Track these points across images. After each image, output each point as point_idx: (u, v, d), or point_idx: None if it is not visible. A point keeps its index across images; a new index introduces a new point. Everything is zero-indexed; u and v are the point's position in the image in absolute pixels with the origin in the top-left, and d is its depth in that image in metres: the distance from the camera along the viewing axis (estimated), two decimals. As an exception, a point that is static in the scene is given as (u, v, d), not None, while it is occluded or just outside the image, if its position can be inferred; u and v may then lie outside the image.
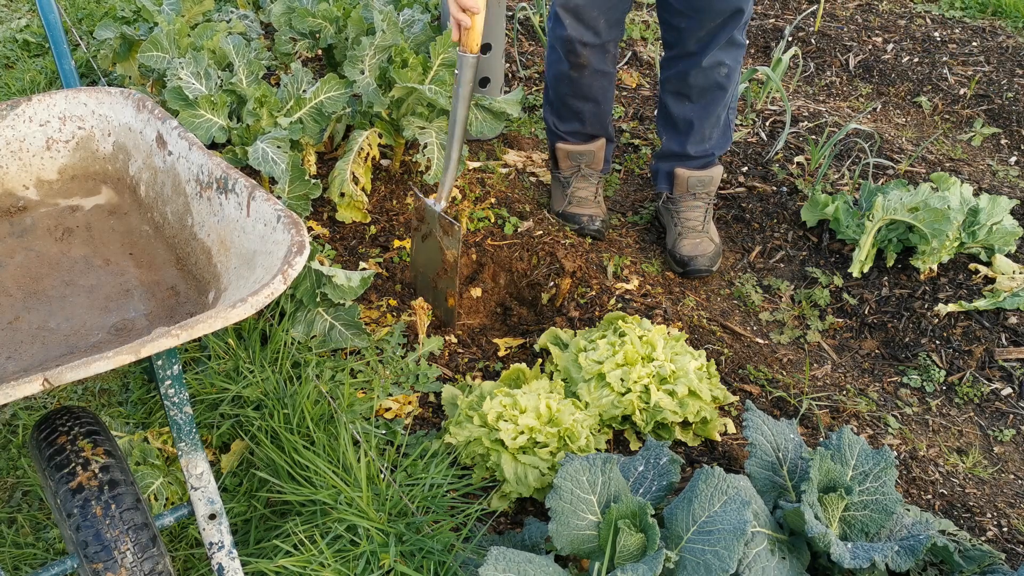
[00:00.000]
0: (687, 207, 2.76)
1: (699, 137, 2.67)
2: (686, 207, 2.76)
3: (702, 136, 2.67)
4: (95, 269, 1.66)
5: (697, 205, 2.76)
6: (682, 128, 2.68)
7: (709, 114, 2.63)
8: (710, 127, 2.66)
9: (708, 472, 1.60)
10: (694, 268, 2.68)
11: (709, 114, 2.63)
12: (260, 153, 2.43)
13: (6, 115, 1.79)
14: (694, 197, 2.75)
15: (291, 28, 3.06)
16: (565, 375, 2.19)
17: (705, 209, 2.76)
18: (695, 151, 2.70)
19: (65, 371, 1.16)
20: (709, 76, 2.55)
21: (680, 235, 2.73)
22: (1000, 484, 2.11)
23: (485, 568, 1.48)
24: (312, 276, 2.22)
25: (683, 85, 2.60)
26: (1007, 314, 2.45)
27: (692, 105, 2.63)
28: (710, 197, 2.77)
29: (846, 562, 1.56)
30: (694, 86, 2.58)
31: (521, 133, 3.33)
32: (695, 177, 2.73)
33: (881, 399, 2.32)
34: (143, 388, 2.26)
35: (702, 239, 2.72)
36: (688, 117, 2.65)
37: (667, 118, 2.71)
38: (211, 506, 1.62)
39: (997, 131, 3.41)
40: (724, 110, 2.65)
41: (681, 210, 2.76)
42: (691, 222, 2.74)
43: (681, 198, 2.76)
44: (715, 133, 2.68)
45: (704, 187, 2.74)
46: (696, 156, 2.71)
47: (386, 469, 1.92)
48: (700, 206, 2.75)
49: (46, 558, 1.90)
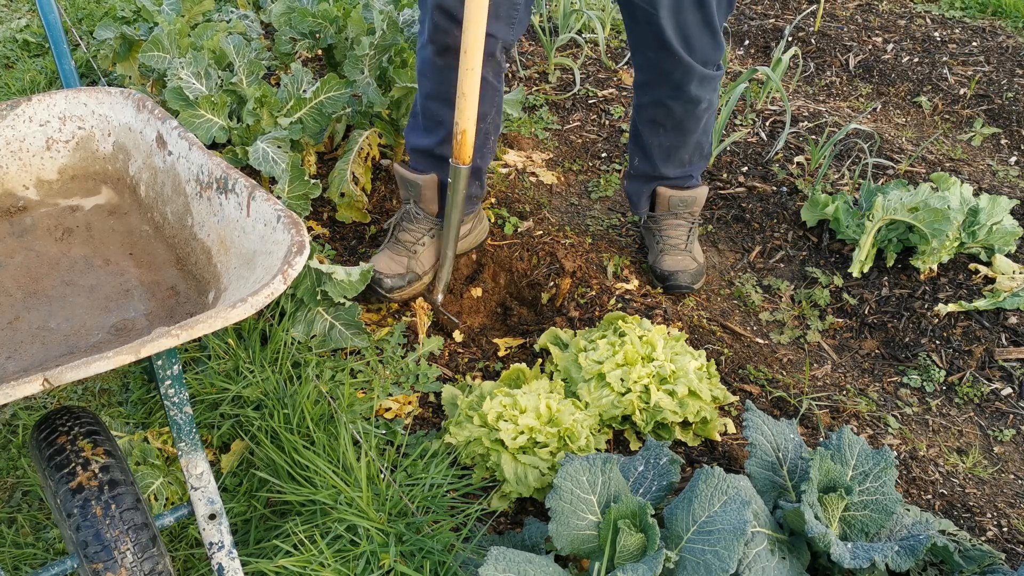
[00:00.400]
0: (669, 225, 2.65)
1: (677, 162, 2.58)
2: (668, 225, 2.65)
3: (680, 160, 2.57)
4: (95, 269, 1.66)
5: (679, 224, 2.65)
6: (657, 155, 2.57)
7: (686, 142, 2.53)
8: (688, 152, 2.56)
9: (708, 472, 1.60)
10: (674, 283, 2.59)
11: (686, 142, 2.53)
12: (260, 153, 2.43)
13: (6, 115, 1.79)
14: (676, 216, 2.65)
15: (291, 28, 3.06)
16: (565, 375, 2.19)
17: (688, 229, 2.66)
18: (673, 173, 2.60)
19: (65, 371, 1.16)
20: (689, 110, 2.44)
21: (662, 251, 2.63)
22: (1000, 484, 2.11)
23: (485, 568, 1.48)
24: (312, 275, 2.22)
25: (660, 115, 2.47)
26: (1007, 314, 2.45)
27: (667, 134, 2.51)
28: (693, 217, 2.68)
29: (846, 562, 1.56)
30: (671, 118, 2.46)
31: (521, 133, 3.33)
32: (677, 197, 2.62)
33: (881, 399, 2.32)
34: (143, 388, 2.26)
35: (684, 256, 2.63)
36: (664, 145, 2.54)
37: (641, 145, 2.59)
38: (211, 506, 1.62)
39: (997, 131, 3.41)
40: (702, 136, 2.55)
41: (663, 228, 2.66)
42: (673, 240, 2.64)
43: (663, 216, 2.66)
44: (694, 157, 2.58)
45: (687, 207, 2.65)
46: (674, 177, 2.61)
47: (386, 469, 1.92)
48: (683, 225, 2.66)
49: (46, 558, 1.90)
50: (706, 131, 2.56)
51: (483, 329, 2.56)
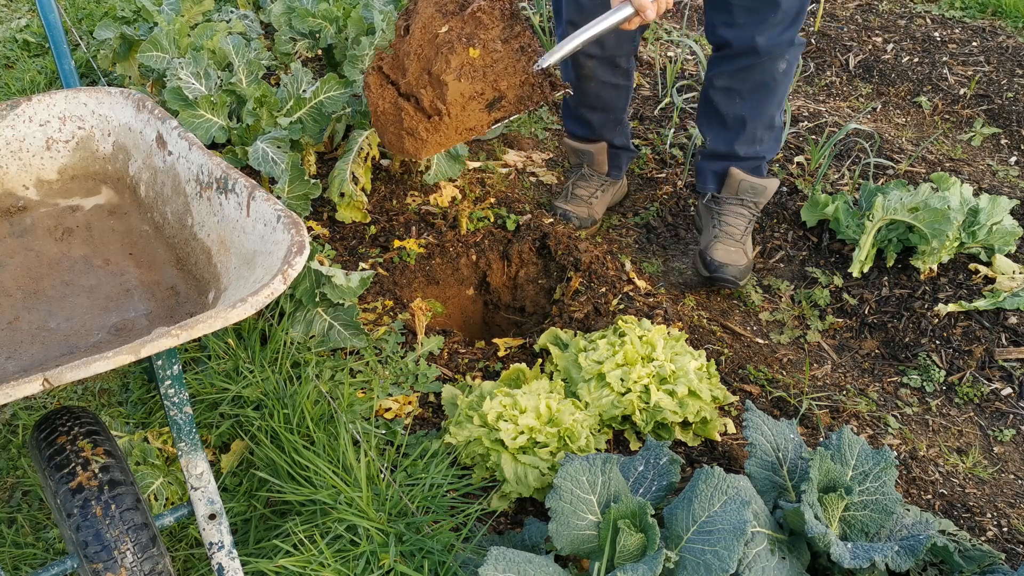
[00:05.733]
0: (731, 211, 2.62)
1: (749, 137, 2.55)
2: (730, 211, 2.62)
3: (753, 136, 2.55)
4: (95, 269, 1.66)
5: (742, 213, 2.62)
6: (732, 126, 2.55)
7: (762, 113, 2.51)
8: (762, 128, 2.54)
9: (708, 472, 1.60)
10: (721, 276, 2.55)
11: (762, 113, 2.51)
12: (260, 153, 2.43)
13: (6, 115, 1.79)
14: (741, 203, 2.62)
15: (291, 28, 3.06)
16: (565, 375, 2.19)
17: (749, 220, 2.64)
18: (745, 152, 2.57)
19: (65, 371, 1.16)
20: (767, 71, 2.43)
21: (716, 238, 2.59)
22: (1000, 484, 2.11)
23: (485, 568, 1.48)
24: (311, 276, 2.22)
25: (737, 81, 2.46)
26: (1007, 314, 2.45)
27: (743, 103, 2.50)
28: (757, 208, 2.65)
29: (846, 562, 1.56)
30: (749, 82, 2.46)
31: (521, 133, 3.33)
32: (748, 182, 2.59)
33: (881, 399, 2.32)
34: (143, 388, 2.26)
35: (736, 249, 2.59)
36: (740, 115, 2.52)
37: (714, 116, 2.58)
38: (211, 506, 1.62)
39: (997, 131, 3.41)
40: (776, 109, 2.53)
41: (724, 213, 2.63)
42: (731, 228, 2.60)
43: (727, 200, 2.63)
44: (767, 136, 2.57)
45: (755, 195, 2.62)
46: (746, 157, 2.59)
47: (386, 469, 1.92)
48: (745, 215, 2.62)
49: (46, 558, 1.90)
50: (779, 107, 2.54)
51: (482, 329, 2.56)
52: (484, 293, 2.74)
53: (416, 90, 1.96)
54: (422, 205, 2.84)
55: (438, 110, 1.94)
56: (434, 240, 2.72)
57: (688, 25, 4.15)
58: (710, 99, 2.57)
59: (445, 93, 1.91)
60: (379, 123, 2.07)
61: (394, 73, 2.04)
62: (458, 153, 2.65)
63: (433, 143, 2.01)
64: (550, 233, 2.72)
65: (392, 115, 2.02)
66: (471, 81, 1.90)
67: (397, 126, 2.02)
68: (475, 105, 1.95)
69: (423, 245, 2.69)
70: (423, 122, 1.98)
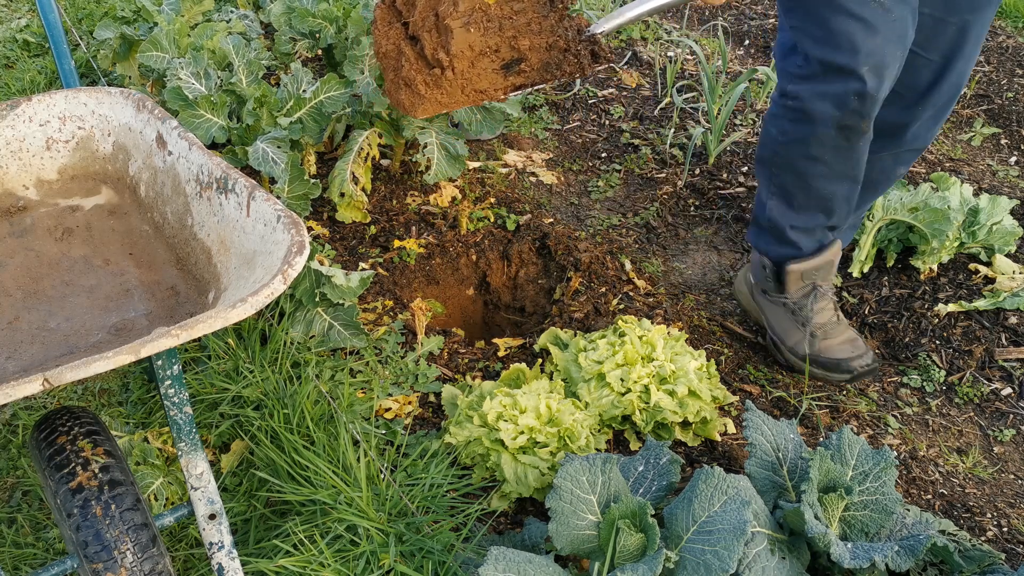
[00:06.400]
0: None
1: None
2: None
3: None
4: (95, 269, 1.66)
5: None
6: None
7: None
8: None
9: (708, 472, 1.60)
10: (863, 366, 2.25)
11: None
12: (260, 153, 2.43)
13: (6, 115, 1.79)
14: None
15: (291, 28, 3.06)
16: (565, 375, 2.19)
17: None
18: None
19: (65, 371, 1.16)
20: (892, 168, 2.18)
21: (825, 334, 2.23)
22: (1000, 484, 2.11)
23: (485, 568, 1.48)
24: (311, 276, 2.22)
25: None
26: (1007, 314, 2.45)
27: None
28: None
29: (846, 562, 1.56)
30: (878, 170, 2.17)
31: (521, 133, 3.33)
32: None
33: (881, 399, 2.32)
34: (143, 388, 2.26)
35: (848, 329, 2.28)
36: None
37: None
38: (211, 506, 1.62)
39: (997, 131, 3.41)
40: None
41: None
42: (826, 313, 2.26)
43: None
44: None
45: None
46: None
47: (386, 469, 1.92)
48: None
49: (46, 558, 1.90)
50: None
51: (482, 329, 2.56)
52: (484, 293, 2.74)
53: (420, 32, 1.68)
54: (422, 205, 2.84)
55: (440, 61, 1.66)
56: (434, 240, 2.72)
57: (688, 25, 4.14)
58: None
59: (449, 42, 1.61)
60: (382, 66, 1.81)
61: (406, 8, 1.75)
62: (458, 153, 2.65)
63: (432, 100, 1.71)
64: (550, 233, 2.72)
65: (393, 59, 1.75)
66: (483, 33, 1.61)
67: (395, 72, 1.74)
68: (487, 63, 1.66)
69: (423, 245, 2.69)
70: (422, 72, 1.69)
